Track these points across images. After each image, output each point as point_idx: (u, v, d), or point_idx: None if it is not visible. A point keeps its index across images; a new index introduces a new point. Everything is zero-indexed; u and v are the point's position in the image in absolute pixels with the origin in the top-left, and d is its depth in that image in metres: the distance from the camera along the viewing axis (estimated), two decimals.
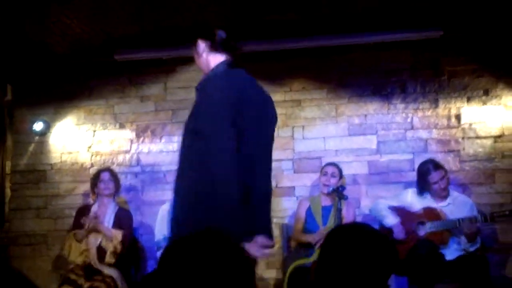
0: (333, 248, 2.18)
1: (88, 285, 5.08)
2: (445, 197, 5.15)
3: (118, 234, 5.39)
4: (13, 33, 5.65)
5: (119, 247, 5.35)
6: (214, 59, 3.18)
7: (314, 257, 5.03)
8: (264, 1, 5.24)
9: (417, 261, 4.67)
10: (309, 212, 5.39)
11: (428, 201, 5.15)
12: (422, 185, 5.19)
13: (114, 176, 5.76)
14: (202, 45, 3.20)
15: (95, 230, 5.40)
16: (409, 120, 5.99)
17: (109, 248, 5.35)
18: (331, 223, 5.17)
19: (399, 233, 4.98)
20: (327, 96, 6.16)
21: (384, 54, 6.10)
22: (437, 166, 5.15)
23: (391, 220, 5.08)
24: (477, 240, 4.96)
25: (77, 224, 5.57)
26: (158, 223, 5.61)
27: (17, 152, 6.59)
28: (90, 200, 5.89)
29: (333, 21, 5.73)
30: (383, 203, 5.26)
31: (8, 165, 6.67)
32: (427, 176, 5.13)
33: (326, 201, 5.38)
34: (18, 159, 6.56)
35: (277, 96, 6.17)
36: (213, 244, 1.70)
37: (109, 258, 5.33)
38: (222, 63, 3.15)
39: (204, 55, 3.20)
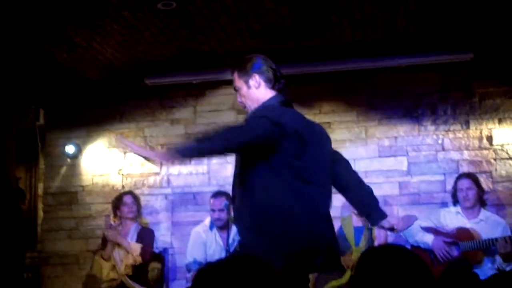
0: (366, 270, 2.16)
1: None
2: (474, 213, 5.13)
3: (136, 247, 5.44)
4: (45, 59, 5.76)
5: (138, 259, 5.40)
6: (266, 94, 3.18)
7: (346, 278, 5.01)
8: (292, 27, 5.28)
9: (452, 281, 4.63)
10: (340, 232, 5.36)
11: (460, 220, 5.13)
12: (454, 193, 5.24)
13: (136, 199, 5.83)
14: (259, 79, 3.17)
15: (116, 242, 5.48)
16: (440, 141, 5.96)
17: (128, 260, 5.39)
18: (363, 244, 5.14)
19: (439, 250, 4.96)
20: (357, 118, 6.16)
21: (414, 76, 6.09)
22: (469, 176, 5.18)
23: (427, 238, 5.07)
24: None
25: (105, 245, 5.64)
26: (190, 245, 5.62)
27: (49, 175, 6.68)
28: (111, 222, 5.90)
29: (363, 45, 5.76)
30: (415, 225, 5.23)
31: (40, 187, 6.79)
32: (457, 181, 5.21)
33: (358, 222, 5.35)
34: (50, 182, 6.64)
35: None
36: (248, 267, 1.69)
37: (125, 270, 5.37)
38: (274, 97, 3.17)
39: (260, 89, 3.18)
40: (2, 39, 5.18)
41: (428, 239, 5.08)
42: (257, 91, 3.18)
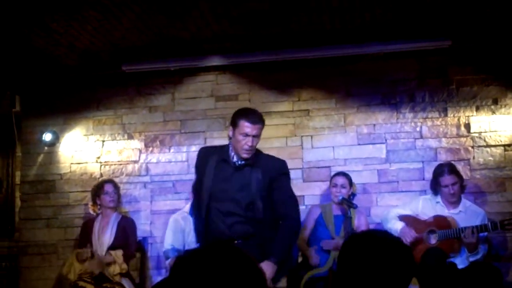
0: (350, 256, 2.16)
1: None
2: (455, 204, 5.14)
3: (118, 254, 5.41)
4: (21, 44, 5.67)
5: (124, 266, 5.38)
6: None
7: (327, 266, 5.04)
8: (270, 13, 5.25)
9: (426, 269, 4.65)
10: (320, 220, 5.38)
11: (439, 208, 5.14)
12: (435, 187, 5.22)
13: (117, 187, 5.80)
14: None
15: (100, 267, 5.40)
16: (418, 129, 5.98)
17: (116, 270, 5.36)
18: (343, 233, 5.12)
19: (405, 237, 4.95)
20: (335, 105, 6.16)
21: (392, 63, 6.10)
22: (451, 170, 5.13)
23: (396, 226, 5.09)
24: (477, 251, 4.94)
25: (83, 238, 5.63)
26: (168, 232, 5.61)
27: (27, 163, 6.60)
28: (90, 210, 5.85)
29: (341, 31, 5.74)
30: (393, 212, 5.26)
31: (17, 176, 6.70)
32: (440, 177, 5.14)
33: (337, 211, 5.37)
34: (28, 170, 6.57)
35: (285, 105, 6.20)
36: (226, 256, 1.69)
37: (118, 278, 5.34)
38: None
39: None
40: None
41: (398, 226, 5.10)
42: None
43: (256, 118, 4.04)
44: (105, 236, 5.56)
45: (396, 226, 5.11)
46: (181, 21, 5.38)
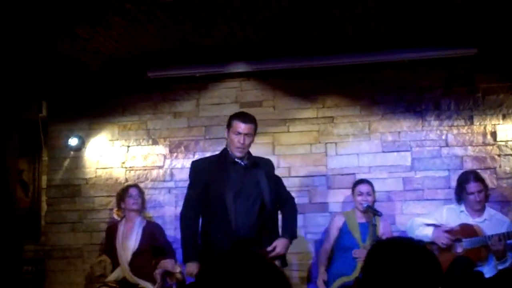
0: (375, 264, 2.14)
1: None
2: (480, 212, 5.09)
3: (175, 266, 5.41)
4: (47, 50, 5.73)
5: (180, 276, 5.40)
6: None
7: (355, 274, 5.01)
8: (294, 20, 5.25)
9: (453, 279, 4.61)
10: (345, 228, 5.35)
11: (464, 217, 5.10)
12: (460, 194, 5.18)
13: (141, 192, 5.81)
14: None
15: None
16: (443, 137, 5.94)
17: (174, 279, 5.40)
18: (369, 240, 5.06)
19: (440, 239, 4.94)
20: (360, 113, 6.14)
21: (417, 71, 6.07)
22: (477, 178, 5.10)
23: (426, 231, 5.05)
24: (506, 259, 4.88)
25: (108, 243, 5.67)
26: None
27: (53, 167, 6.67)
28: (114, 215, 5.90)
29: (366, 39, 5.73)
30: (418, 221, 5.21)
31: (44, 180, 6.78)
32: (465, 184, 5.10)
33: (361, 218, 5.34)
34: (54, 174, 6.64)
35: (310, 112, 6.19)
36: (251, 261, 1.70)
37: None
38: None
39: None
40: (4, 31, 5.16)
41: (428, 231, 5.06)
42: None
43: (248, 118, 4.38)
44: (129, 240, 5.54)
45: (426, 232, 5.05)
46: (205, 27, 5.40)
